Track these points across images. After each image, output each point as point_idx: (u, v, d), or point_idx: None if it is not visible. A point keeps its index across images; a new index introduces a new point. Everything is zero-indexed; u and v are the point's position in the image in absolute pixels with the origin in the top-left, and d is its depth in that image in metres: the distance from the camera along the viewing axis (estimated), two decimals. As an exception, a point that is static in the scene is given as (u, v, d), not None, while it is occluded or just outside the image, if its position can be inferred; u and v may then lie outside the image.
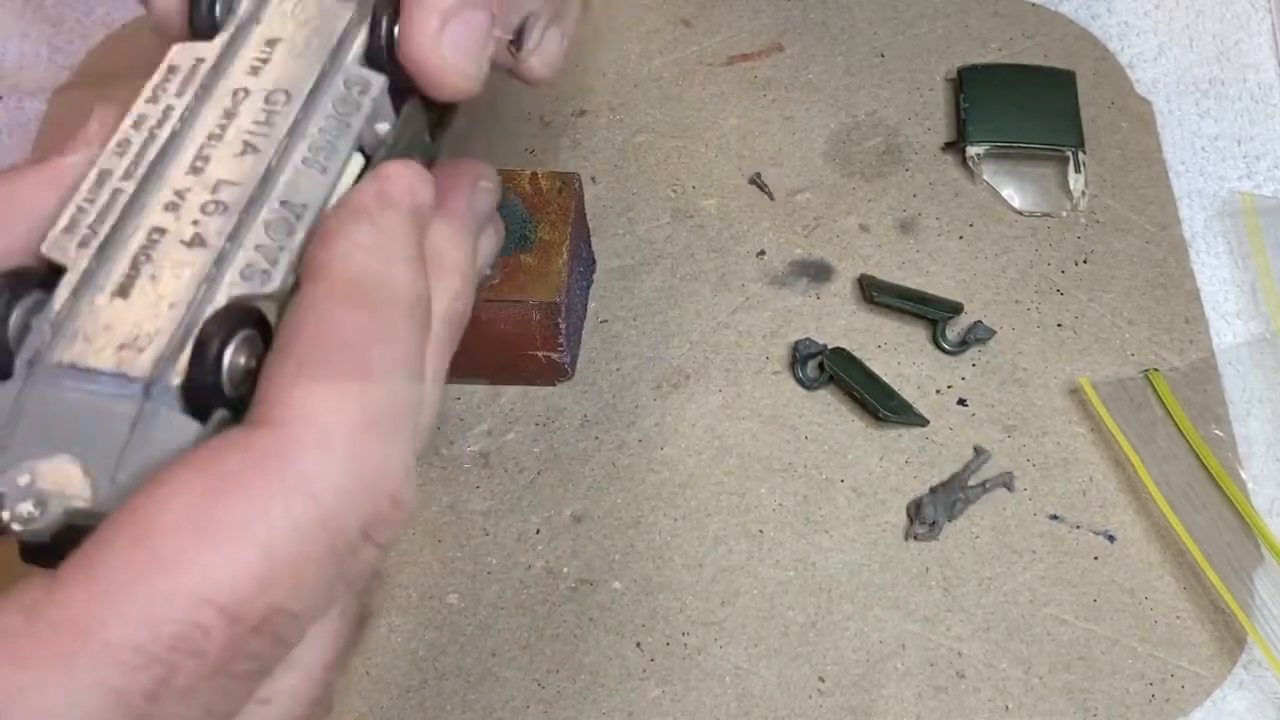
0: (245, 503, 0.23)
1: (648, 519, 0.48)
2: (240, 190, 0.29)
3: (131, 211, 0.29)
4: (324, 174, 0.30)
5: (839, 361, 0.50)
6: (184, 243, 0.28)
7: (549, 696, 0.44)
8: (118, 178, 0.29)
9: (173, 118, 0.30)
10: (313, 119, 0.30)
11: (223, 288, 0.28)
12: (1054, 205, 0.56)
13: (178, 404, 0.26)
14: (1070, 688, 0.44)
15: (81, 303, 0.27)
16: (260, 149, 0.29)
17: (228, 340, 0.26)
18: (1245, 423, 0.50)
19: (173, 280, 0.27)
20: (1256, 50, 0.61)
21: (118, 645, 0.22)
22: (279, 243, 0.28)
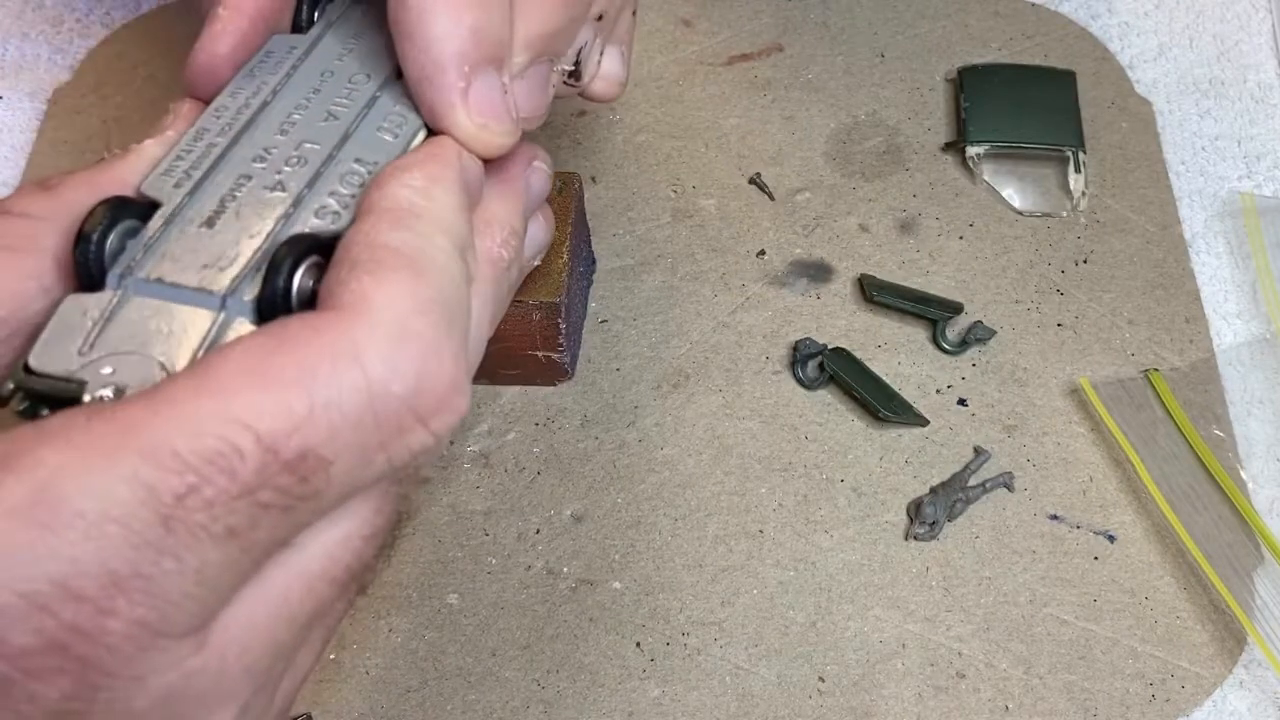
0: (296, 359, 0.25)
1: (648, 519, 0.48)
2: (320, 149, 0.32)
3: (223, 161, 0.32)
4: (395, 139, 0.33)
5: (839, 361, 0.50)
6: (267, 188, 0.31)
7: (549, 696, 0.44)
8: (213, 134, 0.33)
9: (266, 89, 0.34)
10: (389, 95, 0.34)
11: (296, 223, 0.31)
12: (1054, 205, 0.55)
13: (250, 315, 0.29)
14: (1070, 688, 0.44)
15: (172, 230, 0.30)
16: (340, 118, 0.33)
17: (298, 262, 0.29)
18: (1245, 423, 0.50)
19: (255, 216, 0.31)
20: (1257, 50, 0.61)
21: (159, 446, 0.24)
22: (351, 191, 0.32)
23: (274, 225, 0.30)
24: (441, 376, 0.27)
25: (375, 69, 0.35)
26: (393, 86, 0.35)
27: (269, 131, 0.33)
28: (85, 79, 0.60)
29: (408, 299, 0.27)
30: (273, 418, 0.25)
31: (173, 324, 0.29)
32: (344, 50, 0.36)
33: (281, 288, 0.29)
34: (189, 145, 0.32)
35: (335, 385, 0.26)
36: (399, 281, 0.27)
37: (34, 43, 0.61)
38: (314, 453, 0.25)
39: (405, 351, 0.26)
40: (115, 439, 0.24)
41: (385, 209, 0.29)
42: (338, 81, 0.35)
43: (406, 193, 0.30)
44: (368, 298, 0.27)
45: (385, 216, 0.29)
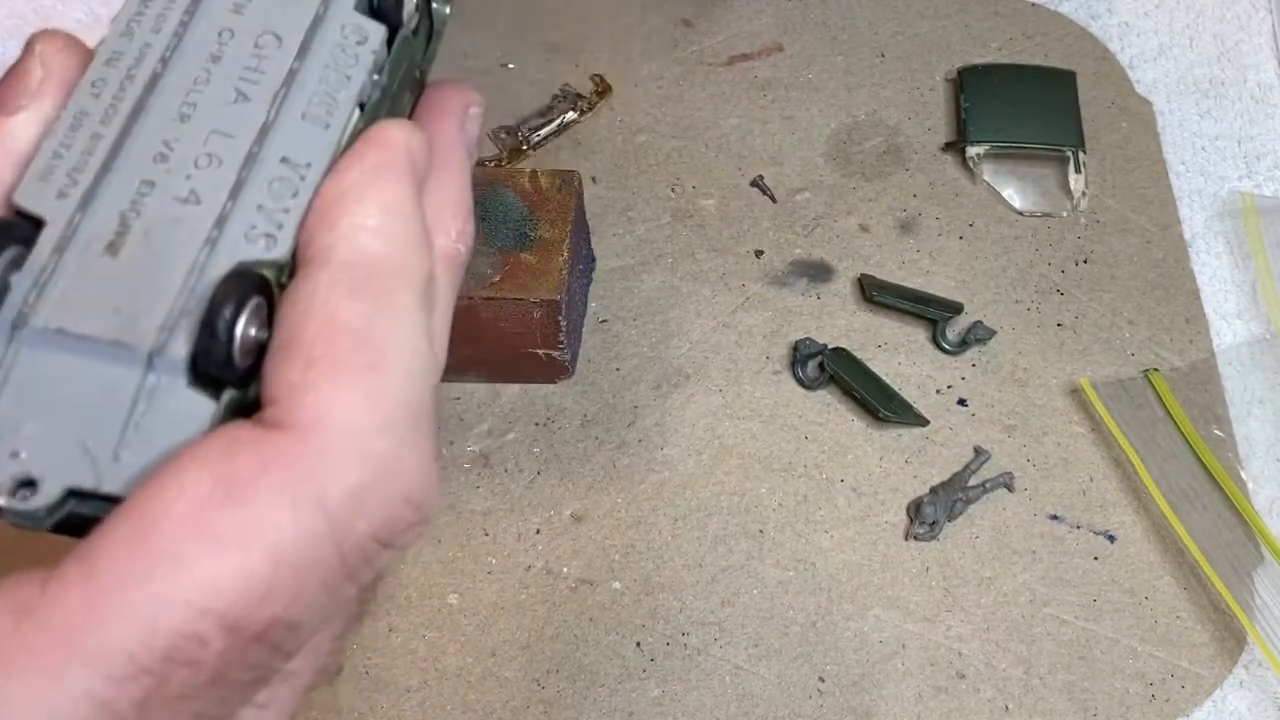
0: (253, 509, 0.22)
1: (648, 519, 0.48)
2: (236, 143, 0.26)
3: (115, 161, 0.26)
4: (326, 130, 0.27)
5: (839, 361, 0.50)
6: (178, 199, 0.26)
7: (549, 696, 0.44)
8: (96, 121, 0.26)
9: (150, 57, 0.27)
10: (309, 69, 0.28)
11: (225, 250, 0.25)
12: (1054, 205, 0.55)
13: (183, 378, 0.24)
14: (1070, 688, 0.44)
15: (67, 260, 0.25)
16: (252, 98, 0.27)
17: (241, 309, 0.24)
18: (1245, 423, 0.50)
19: (169, 239, 0.25)
20: (1257, 50, 0.61)
21: (110, 654, 0.21)
22: (283, 204, 0.26)
23: (197, 254, 0.25)
24: (409, 496, 0.24)
25: (286, 25, 0.28)
26: (312, 54, 0.28)
27: (165, 117, 0.27)
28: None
29: (370, 412, 0.24)
30: (234, 591, 0.22)
31: (88, 389, 0.24)
32: None
33: (223, 344, 0.24)
34: (67, 137, 0.26)
35: (298, 536, 0.22)
36: (362, 393, 0.24)
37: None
38: (283, 620, 0.23)
39: (372, 481, 0.24)
40: (57, 650, 0.21)
41: (340, 263, 0.25)
42: (241, 45, 0.28)
43: (364, 240, 0.25)
44: (326, 416, 0.23)
45: (341, 278, 0.25)
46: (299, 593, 0.23)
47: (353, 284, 0.25)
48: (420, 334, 0.26)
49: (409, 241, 0.26)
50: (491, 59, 0.60)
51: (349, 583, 0.24)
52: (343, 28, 0.28)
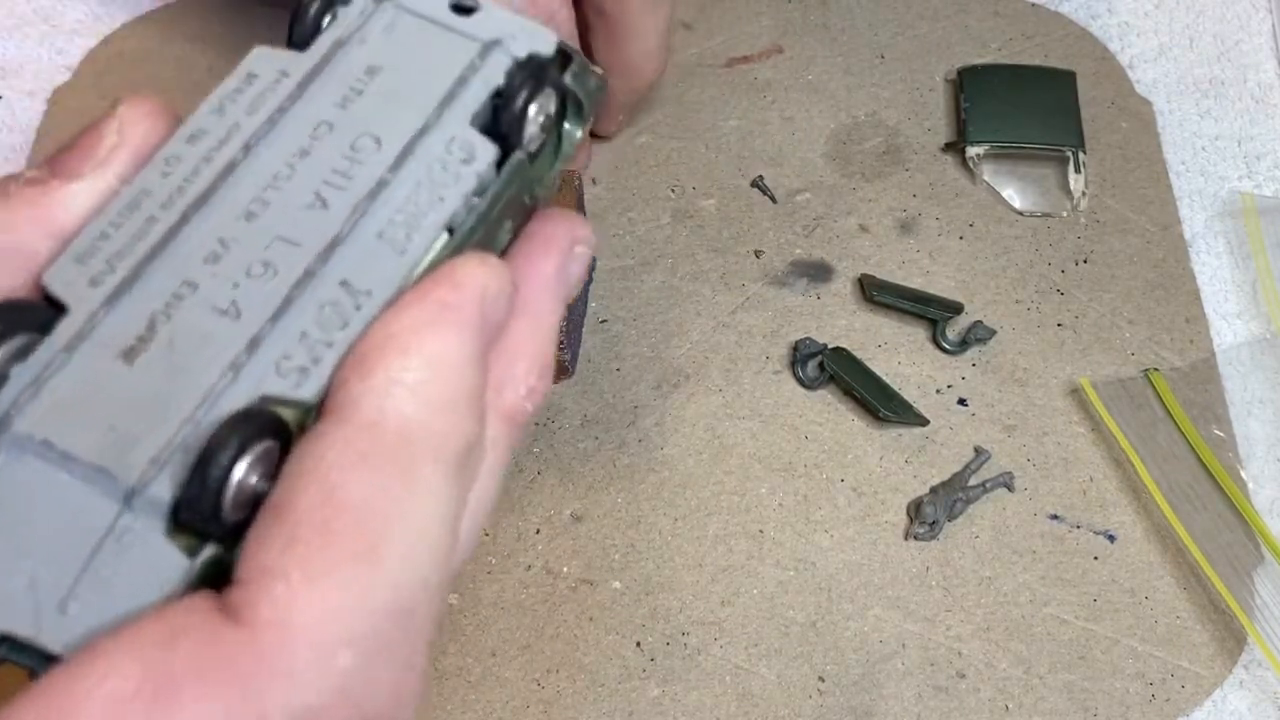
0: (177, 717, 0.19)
1: (648, 519, 0.48)
2: (298, 254, 0.23)
3: (163, 252, 0.23)
4: (401, 255, 0.24)
5: (839, 361, 0.50)
6: (217, 309, 0.23)
7: (548, 696, 0.44)
8: (156, 203, 0.24)
9: (236, 140, 0.25)
10: (400, 182, 0.25)
11: (249, 379, 0.22)
12: (1054, 205, 0.55)
13: (161, 524, 0.21)
14: (1070, 688, 0.44)
15: (77, 359, 0.22)
16: (331, 206, 0.24)
17: (240, 454, 0.21)
18: (1246, 423, 0.50)
19: (193, 354, 0.22)
20: (1257, 50, 0.61)
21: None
22: (328, 335, 0.23)
23: (217, 378, 0.22)
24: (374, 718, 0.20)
25: (391, 129, 0.25)
26: (410, 165, 0.25)
27: (231, 212, 0.24)
28: (85, 79, 0.60)
29: (345, 618, 0.20)
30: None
31: (56, 517, 0.21)
32: (352, 90, 0.26)
33: (212, 494, 0.21)
34: (119, 217, 0.23)
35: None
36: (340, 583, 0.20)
37: (33, 42, 0.61)
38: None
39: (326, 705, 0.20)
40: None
41: (362, 422, 0.21)
42: (336, 143, 0.25)
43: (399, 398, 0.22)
44: (290, 619, 0.20)
45: (358, 441, 0.21)
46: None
47: (369, 450, 0.21)
48: (438, 519, 0.22)
49: (452, 404, 0.22)
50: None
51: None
52: (450, 141, 0.25)
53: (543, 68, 0.27)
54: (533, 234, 0.28)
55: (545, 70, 0.27)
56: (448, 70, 0.26)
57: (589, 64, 0.29)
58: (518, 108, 0.26)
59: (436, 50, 0.26)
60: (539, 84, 0.27)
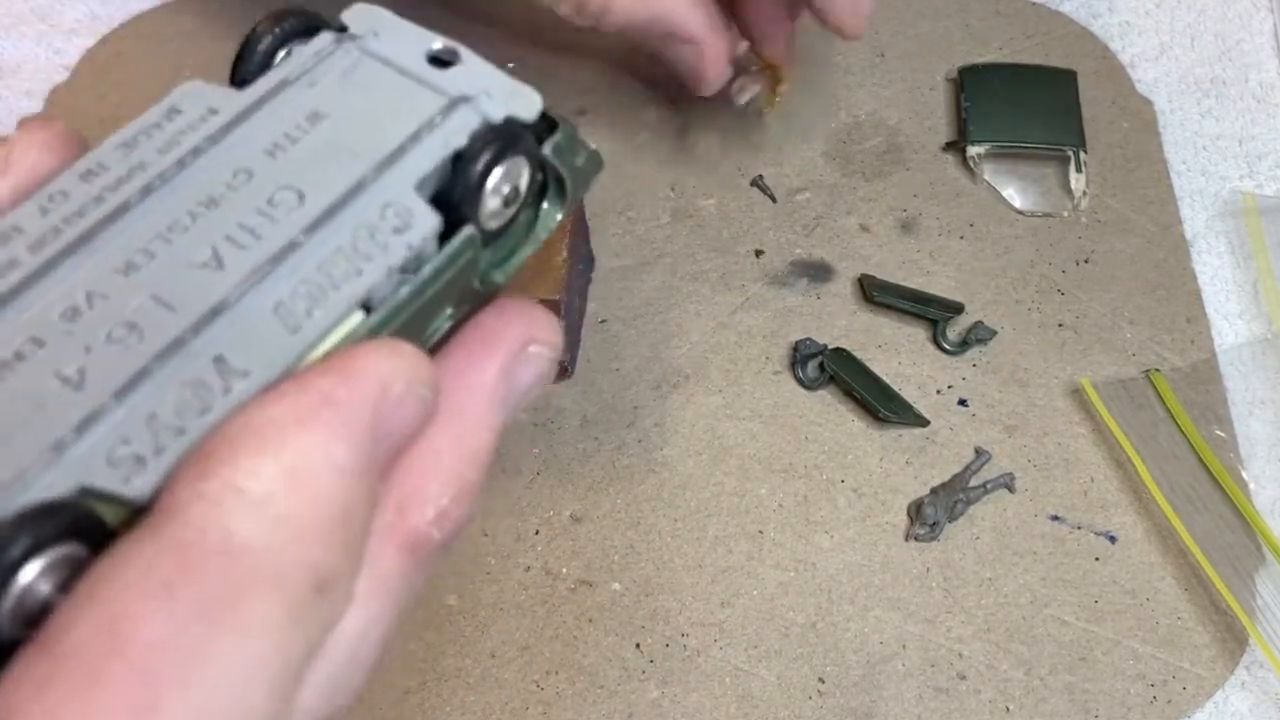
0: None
1: (647, 520, 0.48)
2: (171, 319, 0.20)
3: (14, 301, 0.20)
4: (294, 333, 0.20)
5: (839, 361, 0.50)
6: (59, 375, 0.19)
7: (548, 698, 0.44)
8: (24, 244, 0.20)
9: (137, 180, 0.21)
10: (317, 245, 0.21)
11: (72, 464, 0.18)
12: (1055, 205, 0.55)
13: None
14: (1072, 689, 0.44)
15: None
16: (227, 266, 0.20)
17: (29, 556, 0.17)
18: (1247, 423, 0.50)
19: (15, 425, 0.19)
20: (1258, 49, 0.61)
21: None
22: (181, 421, 0.19)
23: (34, 458, 0.18)
24: None
25: (319, 184, 0.22)
26: (333, 226, 0.21)
27: (107, 262, 0.20)
28: (82, 78, 0.59)
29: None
30: None
31: None
32: (287, 137, 0.22)
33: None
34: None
35: None
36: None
37: (31, 42, 0.61)
38: None
39: None
40: None
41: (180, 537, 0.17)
42: (252, 194, 0.21)
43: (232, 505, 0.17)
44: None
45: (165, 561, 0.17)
46: None
47: (176, 576, 0.17)
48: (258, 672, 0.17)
49: (307, 527, 0.18)
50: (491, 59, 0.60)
51: None
52: (385, 206, 0.22)
53: (516, 133, 0.23)
54: (478, 326, 0.23)
55: (519, 136, 0.23)
56: (403, 125, 0.23)
57: (576, 134, 0.25)
58: (475, 174, 0.22)
59: (395, 101, 0.23)
60: (506, 149, 0.23)
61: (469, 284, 0.23)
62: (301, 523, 0.18)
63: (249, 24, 0.25)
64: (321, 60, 0.23)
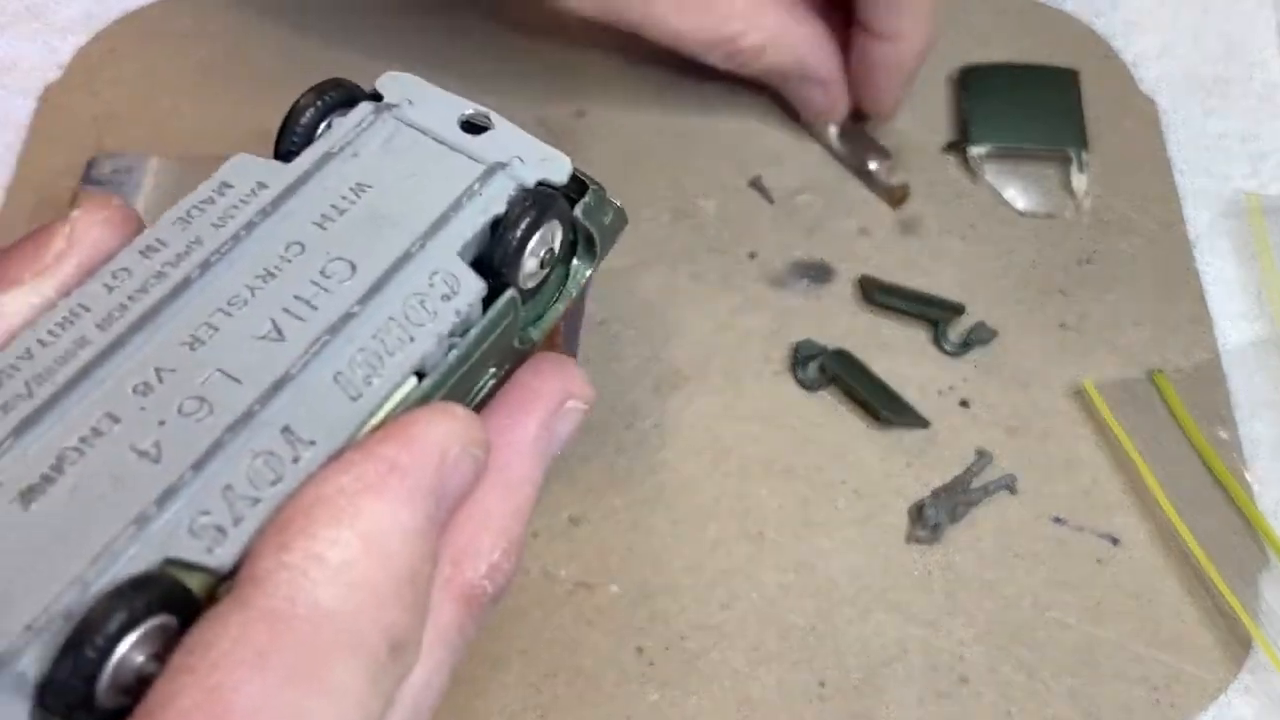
0: None
1: (646, 521, 0.47)
2: (239, 392, 0.21)
3: (88, 378, 0.21)
4: (355, 401, 0.21)
5: (840, 363, 0.50)
6: (136, 449, 0.20)
7: (546, 701, 0.44)
8: (92, 322, 0.21)
9: (196, 256, 0.22)
10: (369, 317, 0.22)
11: (156, 537, 0.19)
12: (1057, 205, 0.55)
13: (25, 702, 0.18)
14: (1074, 692, 0.44)
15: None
16: (288, 338, 0.21)
17: (125, 632, 0.18)
18: (1251, 425, 0.49)
19: (97, 501, 0.19)
20: (1262, 49, 0.60)
21: None
22: (256, 492, 0.20)
23: (119, 532, 0.19)
24: None
25: (370, 254, 0.23)
26: (385, 296, 0.22)
27: (173, 338, 0.21)
28: (76, 76, 0.59)
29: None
30: None
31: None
32: (334, 208, 0.23)
33: (84, 677, 0.18)
34: (49, 334, 0.21)
35: None
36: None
37: (24, 39, 0.61)
38: None
39: None
40: None
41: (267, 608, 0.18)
42: (306, 265, 0.22)
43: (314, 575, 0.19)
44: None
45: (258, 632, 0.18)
46: None
47: (269, 644, 0.18)
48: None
49: (384, 592, 0.19)
50: (491, 57, 0.59)
51: None
52: (433, 274, 0.23)
53: (551, 197, 0.25)
54: (519, 384, 0.25)
55: (554, 200, 0.25)
56: (444, 193, 0.24)
57: (604, 194, 0.26)
58: (515, 240, 0.24)
59: (436, 170, 0.24)
60: (543, 214, 0.24)
61: (509, 343, 0.25)
62: (377, 587, 0.19)
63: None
64: (362, 131, 0.24)
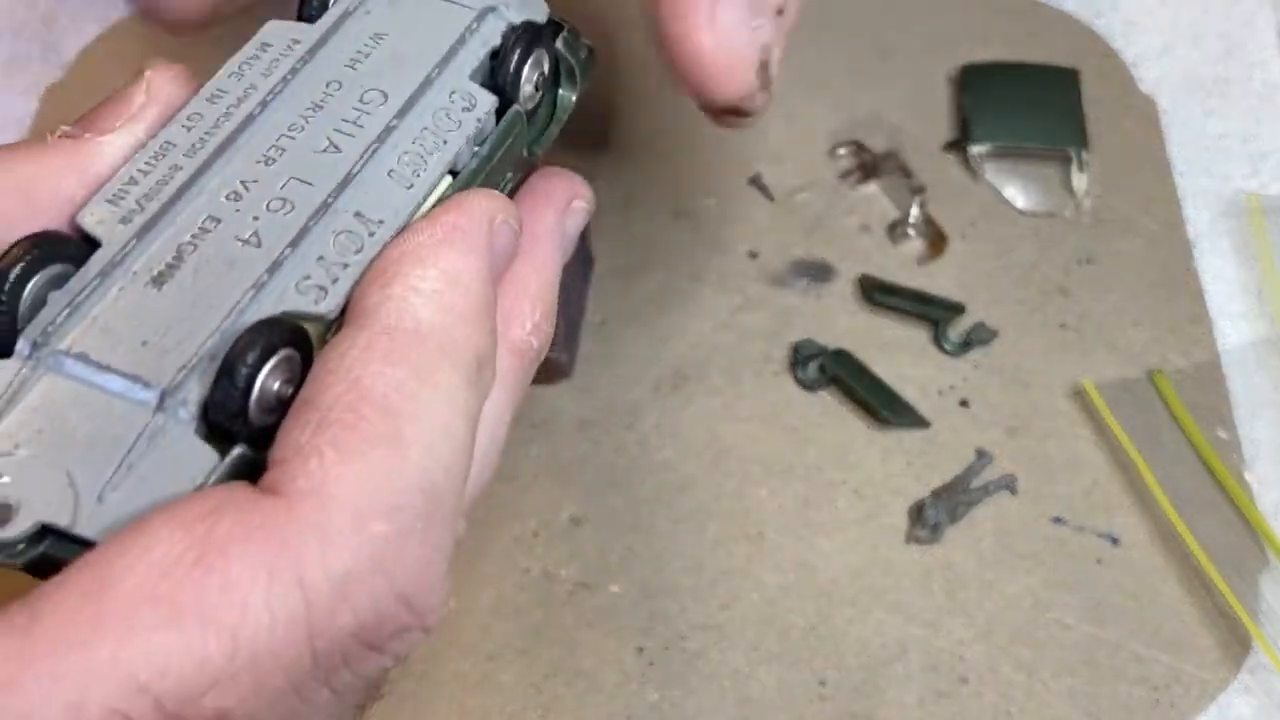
0: (222, 581, 0.20)
1: (646, 522, 0.47)
2: (313, 191, 0.26)
3: (187, 193, 0.26)
4: (409, 190, 0.26)
5: (840, 363, 0.50)
6: (239, 239, 0.25)
7: (546, 701, 0.44)
8: (180, 152, 0.26)
9: (252, 99, 0.27)
10: (407, 127, 0.27)
11: (271, 296, 0.24)
12: (1057, 205, 0.55)
13: (193, 424, 0.23)
14: (1074, 692, 0.44)
15: (110, 285, 0.24)
16: (343, 150, 0.27)
17: (264, 359, 0.23)
18: (1251, 425, 0.49)
19: (218, 278, 0.24)
20: (1262, 48, 0.60)
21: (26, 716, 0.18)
22: (344, 258, 0.25)
23: (240, 296, 0.24)
24: (405, 594, 0.22)
25: (397, 84, 0.28)
26: (415, 113, 0.28)
27: (250, 158, 0.26)
28: (78, 77, 0.59)
29: (376, 490, 0.21)
30: (180, 673, 0.19)
31: (93, 420, 0.22)
32: (359, 53, 0.29)
33: (238, 394, 0.22)
34: (147, 164, 0.26)
35: (266, 618, 0.20)
36: (372, 465, 0.21)
37: (26, 40, 0.61)
38: (232, 715, 0.20)
39: (361, 571, 0.21)
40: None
41: (382, 326, 0.23)
42: (346, 97, 0.28)
43: (415, 304, 0.23)
44: (325, 487, 0.21)
45: (378, 342, 0.23)
46: (257, 688, 0.20)
47: (390, 348, 0.23)
48: (459, 415, 0.23)
49: (466, 315, 0.24)
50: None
51: (323, 686, 0.21)
52: (452, 93, 0.28)
53: (537, 32, 0.30)
54: (533, 188, 0.30)
55: (539, 35, 0.30)
56: (448, 33, 0.29)
57: (579, 34, 0.32)
58: (513, 65, 0.29)
59: (437, 16, 0.29)
60: (532, 43, 0.30)
61: (519, 153, 0.30)
62: (462, 311, 0.24)
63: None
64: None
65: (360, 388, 0.22)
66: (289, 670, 0.20)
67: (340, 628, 0.21)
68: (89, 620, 0.19)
